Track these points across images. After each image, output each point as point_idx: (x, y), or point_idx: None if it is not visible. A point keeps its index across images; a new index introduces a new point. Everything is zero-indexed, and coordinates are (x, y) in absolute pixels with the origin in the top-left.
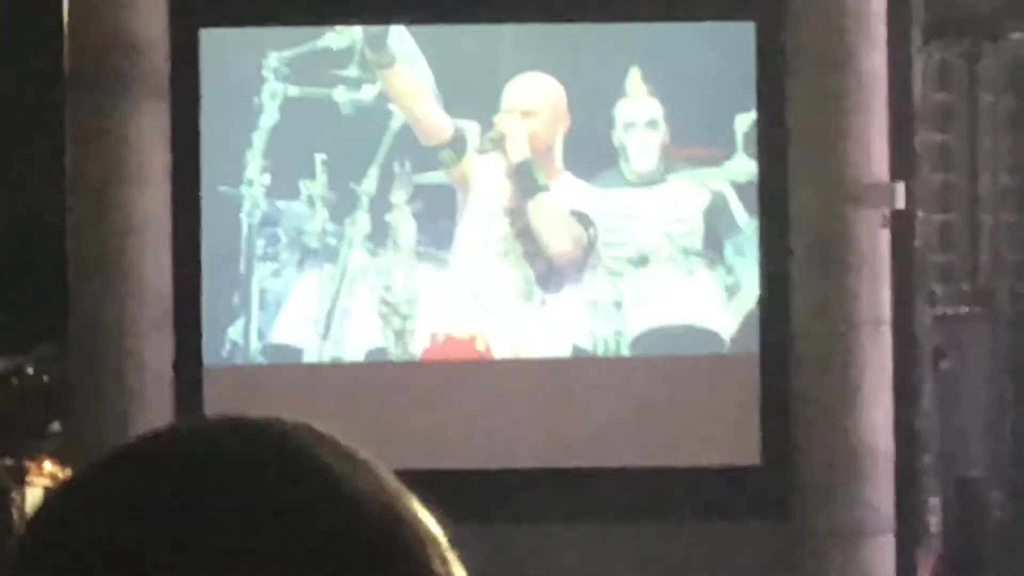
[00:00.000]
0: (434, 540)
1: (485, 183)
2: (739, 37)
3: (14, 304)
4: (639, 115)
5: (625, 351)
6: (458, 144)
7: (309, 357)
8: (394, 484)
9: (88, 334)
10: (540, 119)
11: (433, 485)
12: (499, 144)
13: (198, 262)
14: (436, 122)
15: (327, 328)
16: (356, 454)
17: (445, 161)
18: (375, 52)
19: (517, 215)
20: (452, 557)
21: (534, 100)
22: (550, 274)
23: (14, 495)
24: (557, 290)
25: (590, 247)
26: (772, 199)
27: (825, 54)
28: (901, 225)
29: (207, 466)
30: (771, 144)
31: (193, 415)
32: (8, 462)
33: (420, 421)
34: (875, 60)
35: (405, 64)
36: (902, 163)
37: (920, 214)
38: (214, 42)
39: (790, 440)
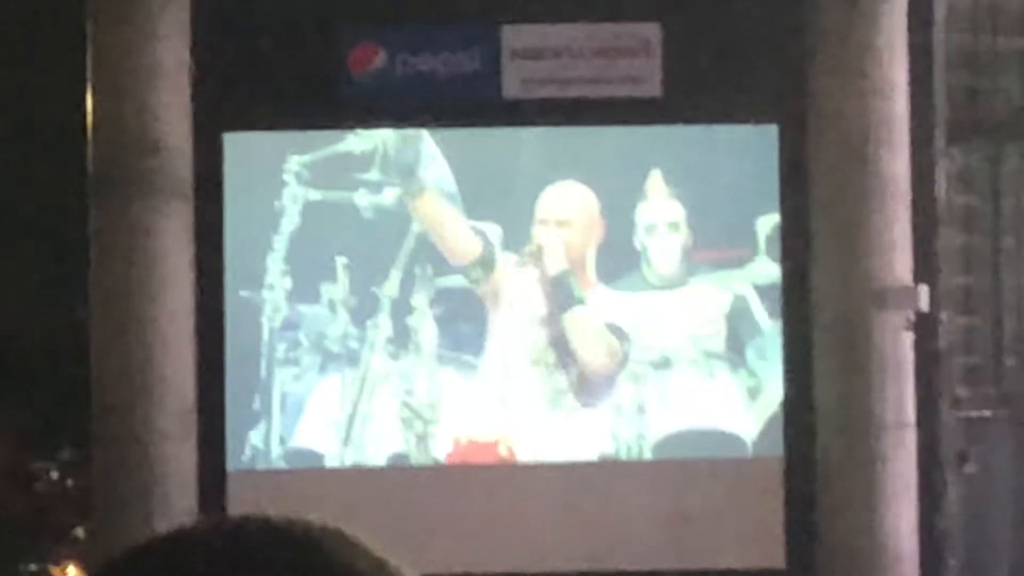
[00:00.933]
0: None
1: (519, 294)
2: (761, 140)
3: (38, 409)
4: (660, 217)
5: (648, 455)
6: (486, 261)
7: (331, 462)
8: None
9: (112, 439)
10: (576, 229)
11: None
12: (536, 256)
13: (221, 367)
14: (464, 243)
15: (348, 433)
16: (387, 561)
17: (473, 279)
18: (405, 186)
19: (552, 324)
20: None
21: (570, 210)
22: (582, 386)
23: None
24: (589, 401)
25: (624, 360)
26: (795, 302)
27: (848, 157)
28: (925, 328)
29: (233, 564)
30: (794, 247)
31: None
32: (32, 567)
33: (442, 526)
34: (898, 163)
35: (434, 191)
36: (925, 265)
37: (944, 317)
38: (237, 146)
39: (814, 543)
